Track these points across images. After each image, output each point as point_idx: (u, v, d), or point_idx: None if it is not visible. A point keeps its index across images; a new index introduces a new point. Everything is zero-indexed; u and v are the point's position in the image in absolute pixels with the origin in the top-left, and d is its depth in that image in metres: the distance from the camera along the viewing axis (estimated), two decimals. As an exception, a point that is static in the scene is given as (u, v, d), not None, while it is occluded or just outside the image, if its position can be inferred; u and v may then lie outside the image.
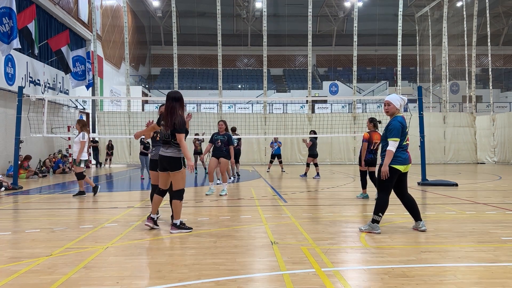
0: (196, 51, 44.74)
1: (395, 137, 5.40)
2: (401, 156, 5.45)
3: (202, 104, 33.35)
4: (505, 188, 11.33)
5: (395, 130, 5.40)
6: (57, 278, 3.69)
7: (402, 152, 5.46)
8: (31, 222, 6.49)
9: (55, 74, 20.61)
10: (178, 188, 5.61)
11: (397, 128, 5.41)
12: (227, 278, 3.68)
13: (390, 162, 5.42)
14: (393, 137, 5.40)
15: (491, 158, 26.36)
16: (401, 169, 5.47)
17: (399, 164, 5.44)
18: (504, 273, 3.79)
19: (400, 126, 5.43)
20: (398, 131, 5.40)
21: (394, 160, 5.44)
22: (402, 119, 5.54)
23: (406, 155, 5.50)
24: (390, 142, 5.41)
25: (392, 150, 5.40)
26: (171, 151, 5.53)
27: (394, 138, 5.40)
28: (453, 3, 33.39)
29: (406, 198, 5.65)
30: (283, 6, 42.61)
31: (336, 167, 22.45)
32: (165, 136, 5.54)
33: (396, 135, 5.40)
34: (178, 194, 5.62)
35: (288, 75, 47.83)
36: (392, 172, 5.45)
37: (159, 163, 5.65)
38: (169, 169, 5.55)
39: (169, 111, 5.50)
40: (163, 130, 5.58)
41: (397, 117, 5.53)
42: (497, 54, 44.69)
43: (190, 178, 15.26)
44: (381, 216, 5.46)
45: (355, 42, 25.55)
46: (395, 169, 5.45)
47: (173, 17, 25.49)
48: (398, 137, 5.41)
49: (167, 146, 5.56)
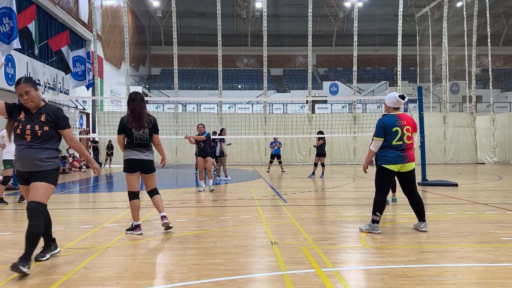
0: (196, 51, 44.76)
1: (375, 136, 5.50)
2: (389, 155, 5.42)
3: (202, 104, 33.37)
4: (505, 188, 11.33)
5: (376, 130, 5.51)
6: (57, 278, 3.69)
7: (391, 152, 5.41)
8: (31, 222, 6.48)
9: (55, 74, 20.62)
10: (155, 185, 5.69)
11: (377, 127, 5.50)
12: (227, 278, 3.68)
13: (381, 162, 5.47)
14: (374, 136, 5.51)
15: (491, 158, 26.37)
16: (394, 169, 5.44)
17: (388, 163, 5.42)
18: (504, 273, 3.79)
19: (381, 125, 5.45)
20: (378, 131, 5.48)
21: (382, 159, 5.47)
22: (387, 118, 5.50)
23: (396, 153, 5.39)
24: (372, 141, 5.56)
25: (371, 149, 5.55)
26: (150, 153, 5.53)
27: (375, 138, 5.50)
28: (453, 3, 33.40)
29: (414, 198, 5.61)
30: (283, 6, 42.64)
31: (336, 167, 22.45)
32: (143, 138, 5.42)
33: (376, 135, 5.49)
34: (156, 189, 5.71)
35: (288, 75, 47.83)
36: (384, 171, 5.47)
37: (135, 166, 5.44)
38: (147, 172, 5.52)
39: (141, 111, 5.42)
40: (136, 132, 5.39)
41: (383, 117, 5.59)
42: (497, 54, 44.70)
43: (191, 178, 15.28)
44: (379, 215, 5.45)
45: (355, 42, 25.56)
46: (386, 169, 5.45)
47: (173, 17, 25.50)
48: (379, 137, 5.46)
49: (145, 149, 5.46)
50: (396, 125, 5.43)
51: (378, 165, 5.58)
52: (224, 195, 9.98)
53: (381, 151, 5.53)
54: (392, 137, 5.42)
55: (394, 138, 5.41)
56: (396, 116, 5.50)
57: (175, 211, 7.47)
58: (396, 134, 5.42)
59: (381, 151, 5.53)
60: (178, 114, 24.94)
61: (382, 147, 5.51)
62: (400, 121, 5.47)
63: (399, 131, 5.42)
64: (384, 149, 5.49)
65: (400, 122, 5.46)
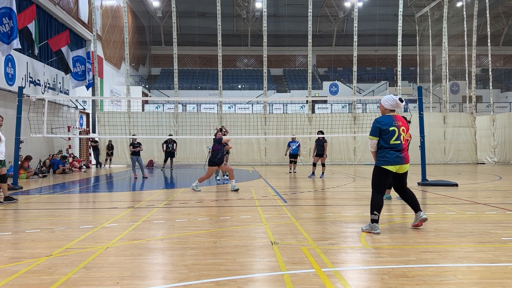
0: (196, 51, 44.76)
1: (370, 135, 5.59)
2: (389, 156, 5.44)
3: (202, 104, 33.37)
4: (505, 188, 11.33)
5: (372, 129, 5.60)
6: (57, 278, 3.69)
7: (390, 152, 5.43)
8: (31, 222, 6.49)
9: (55, 74, 20.61)
10: None
11: (372, 127, 5.59)
12: (227, 278, 3.68)
13: (379, 163, 5.49)
14: (370, 135, 5.60)
15: (491, 158, 26.37)
16: (393, 170, 5.46)
17: (387, 164, 5.43)
18: (504, 273, 3.79)
19: (376, 125, 5.52)
20: (373, 130, 5.55)
21: (382, 160, 5.48)
22: (383, 118, 5.57)
23: (395, 154, 5.42)
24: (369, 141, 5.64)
25: (371, 150, 5.65)
26: None
27: (370, 137, 5.59)
28: (453, 3, 33.39)
29: (407, 195, 5.74)
30: (283, 6, 42.63)
31: (336, 167, 22.45)
32: None
33: (371, 134, 5.57)
34: None
35: (288, 75, 47.83)
36: (383, 172, 5.48)
37: None
38: None
39: None
40: None
41: (379, 117, 5.64)
42: (497, 54, 44.70)
43: (191, 178, 15.28)
44: (377, 214, 5.44)
45: (355, 42, 25.56)
46: (385, 170, 5.46)
47: (173, 17, 25.50)
48: (373, 136, 5.53)
49: None
50: (393, 125, 5.48)
51: (376, 166, 5.57)
52: (224, 195, 9.98)
53: (379, 152, 5.53)
54: (389, 137, 5.45)
55: (392, 137, 5.45)
56: (392, 117, 5.56)
57: (175, 211, 7.47)
58: (394, 134, 5.45)
59: (379, 152, 5.52)
60: (178, 114, 24.94)
61: (380, 148, 5.52)
62: (396, 121, 5.52)
63: (396, 131, 5.46)
64: (382, 150, 5.49)
65: (396, 123, 5.51)
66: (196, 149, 24.55)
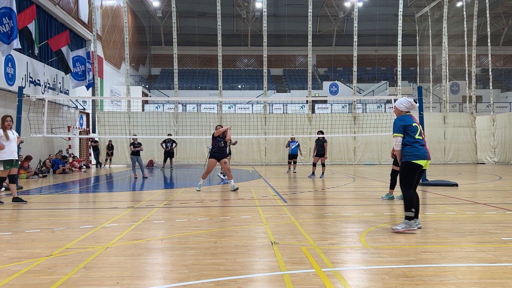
0: (196, 51, 44.76)
1: (395, 133, 5.63)
2: (419, 150, 5.50)
3: (202, 104, 33.37)
4: (505, 188, 11.33)
5: (395, 127, 5.63)
6: (57, 278, 3.69)
7: (420, 147, 5.52)
8: (31, 222, 6.49)
9: (55, 74, 20.61)
10: None
11: (396, 125, 5.63)
12: (227, 278, 3.68)
13: (410, 158, 5.50)
14: (394, 132, 5.64)
15: (491, 158, 26.36)
16: (422, 164, 5.52)
17: (418, 159, 5.48)
18: (504, 273, 3.79)
19: (399, 122, 5.60)
20: (397, 128, 5.60)
21: (412, 155, 5.50)
22: (404, 116, 5.67)
23: (423, 149, 5.53)
24: (394, 140, 5.67)
25: (396, 148, 5.66)
26: None
27: (395, 134, 5.63)
28: (453, 3, 33.39)
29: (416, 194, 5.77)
30: (283, 6, 42.63)
31: (336, 167, 22.45)
32: None
33: (395, 131, 5.62)
34: None
35: (288, 75, 47.84)
36: (413, 167, 5.51)
37: None
38: None
39: None
40: None
41: (399, 116, 5.72)
42: (497, 54, 44.72)
43: (191, 178, 15.27)
44: (414, 211, 5.48)
45: (355, 42, 25.55)
46: (416, 165, 5.49)
47: (173, 17, 25.49)
48: (398, 133, 5.59)
49: None
50: (414, 121, 5.65)
51: (406, 161, 5.54)
52: (224, 195, 9.98)
53: (407, 148, 5.55)
54: (414, 132, 5.56)
55: (416, 132, 5.57)
56: (410, 116, 5.72)
57: (175, 211, 7.47)
58: (417, 129, 5.59)
59: (407, 147, 5.55)
60: (178, 114, 24.94)
61: (407, 143, 5.56)
62: (414, 120, 5.70)
63: (418, 127, 5.62)
64: (410, 146, 5.53)
65: (415, 120, 5.70)
66: (196, 149, 24.56)
